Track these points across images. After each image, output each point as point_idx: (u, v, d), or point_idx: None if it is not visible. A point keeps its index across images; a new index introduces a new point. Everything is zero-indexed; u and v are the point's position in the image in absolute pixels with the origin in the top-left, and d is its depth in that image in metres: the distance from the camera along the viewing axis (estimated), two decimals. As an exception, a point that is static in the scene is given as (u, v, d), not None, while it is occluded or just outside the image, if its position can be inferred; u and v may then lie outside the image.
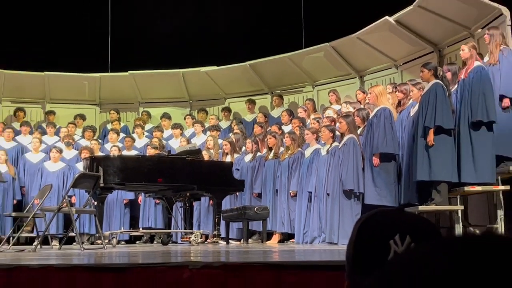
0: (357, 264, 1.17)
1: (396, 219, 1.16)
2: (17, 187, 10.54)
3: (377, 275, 0.47)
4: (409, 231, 1.10)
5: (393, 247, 1.09)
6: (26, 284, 3.44)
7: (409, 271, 0.44)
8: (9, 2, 11.82)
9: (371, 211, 1.28)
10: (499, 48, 7.08)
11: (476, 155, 6.58)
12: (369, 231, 1.16)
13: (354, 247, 1.18)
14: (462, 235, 0.49)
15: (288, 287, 3.18)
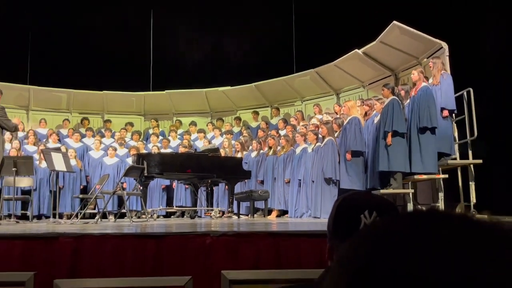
0: (336, 232, 1.22)
1: (366, 199, 1.22)
2: (83, 176, 10.58)
3: (350, 241, 0.47)
4: (375, 208, 1.15)
5: (363, 219, 1.14)
6: (90, 248, 3.44)
7: (374, 238, 0.44)
8: (76, 38, 11.81)
9: (345, 193, 1.32)
10: (440, 72, 7.09)
11: (423, 152, 6.59)
12: (345, 207, 1.21)
13: (333, 220, 1.23)
14: (413, 211, 0.48)
15: (284, 250, 3.19)
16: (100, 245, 3.41)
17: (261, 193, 8.83)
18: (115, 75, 12.25)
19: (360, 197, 1.26)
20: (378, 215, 1.14)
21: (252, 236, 3.23)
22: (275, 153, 9.50)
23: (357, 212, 1.15)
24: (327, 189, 7.93)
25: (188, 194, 10.19)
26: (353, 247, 0.44)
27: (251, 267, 2.93)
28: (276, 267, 2.94)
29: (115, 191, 8.07)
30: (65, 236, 3.45)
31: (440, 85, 6.97)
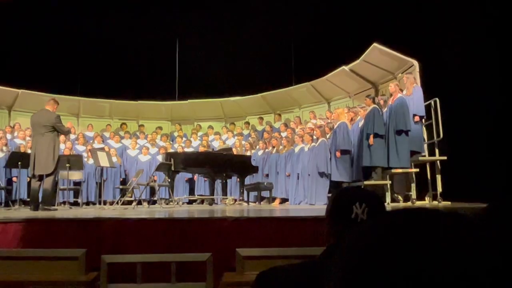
0: (332, 218, 1.25)
1: (357, 193, 1.26)
2: (122, 171, 10.61)
3: (355, 231, 0.45)
4: (365, 200, 1.19)
5: (354, 209, 1.17)
6: (130, 229, 3.47)
7: (376, 228, 0.43)
8: (116, 57, 11.86)
9: (341, 188, 1.37)
10: (412, 85, 7.07)
11: (399, 150, 6.56)
12: (340, 199, 1.25)
13: (331, 208, 1.26)
14: (408, 208, 0.46)
15: (286, 231, 3.21)
16: (137, 226, 3.44)
17: (267, 184, 8.83)
18: (148, 88, 12.29)
19: (352, 191, 1.29)
20: (366, 206, 1.18)
21: (261, 220, 3.25)
22: (277, 151, 9.49)
23: (350, 203, 1.19)
24: (320, 181, 7.93)
25: (207, 185, 10.18)
26: (356, 238, 0.44)
27: (260, 245, 2.95)
28: (280, 245, 2.96)
29: (148, 183, 8.12)
30: (110, 220, 3.49)
31: (412, 95, 6.96)
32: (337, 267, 0.43)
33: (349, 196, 1.23)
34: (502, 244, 0.40)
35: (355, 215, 1.18)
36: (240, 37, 11.86)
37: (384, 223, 0.44)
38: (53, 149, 6.38)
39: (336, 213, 1.24)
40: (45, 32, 10.79)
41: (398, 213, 0.45)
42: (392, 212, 0.46)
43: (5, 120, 11.31)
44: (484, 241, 0.40)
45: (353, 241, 0.44)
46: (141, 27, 11.74)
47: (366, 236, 0.43)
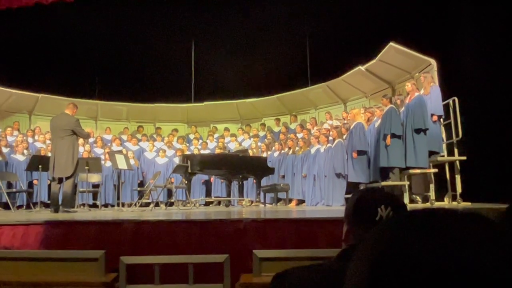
0: (354, 219, 1.23)
1: (383, 195, 1.22)
2: (139, 173, 10.69)
3: (373, 230, 0.46)
4: (390, 204, 1.17)
5: (379, 212, 1.16)
6: (148, 231, 3.51)
7: (394, 229, 0.43)
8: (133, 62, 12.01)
9: (363, 188, 1.35)
10: (430, 84, 6.98)
11: (417, 150, 6.48)
12: (364, 200, 1.22)
13: (353, 209, 1.24)
14: (426, 208, 0.46)
15: (303, 233, 3.20)
16: (155, 228, 3.47)
17: (283, 186, 8.81)
18: (164, 91, 12.39)
19: (378, 193, 1.25)
20: (392, 209, 1.16)
21: (278, 221, 3.24)
22: (294, 152, 9.46)
23: (375, 205, 1.17)
24: (337, 182, 7.89)
25: (223, 186, 10.19)
26: (375, 237, 0.44)
27: (277, 247, 2.95)
28: (297, 247, 2.95)
29: (166, 185, 8.18)
30: (128, 222, 3.52)
31: (430, 95, 6.87)
32: (355, 269, 0.44)
33: (374, 198, 1.21)
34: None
35: (379, 217, 1.16)
36: (255, 38, 11.88)
37: (402, 223, 0.44)
38: (73, 152, 6.48)
39: (359, 215, 1.21)
40: (63, 38, 11.00)
41: (416, 214, 0.45)
42: (410, 213, 0.46)
43: (26, 124, 11.54)
44: (504, 242, 0.40)
45: (371, 242, 0.44)
46: (157, 30, 11.86)
47: (383, 238, 0.44)
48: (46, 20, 9.99)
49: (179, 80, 12.68)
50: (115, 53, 11.89)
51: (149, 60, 12.14)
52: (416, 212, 0.46)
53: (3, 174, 8.65)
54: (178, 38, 12.16)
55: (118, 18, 11.13)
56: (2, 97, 11.04)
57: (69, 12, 9.80)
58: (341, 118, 9.60)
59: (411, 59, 8.29)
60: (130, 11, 11.06)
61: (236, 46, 12.09)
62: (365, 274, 0.42)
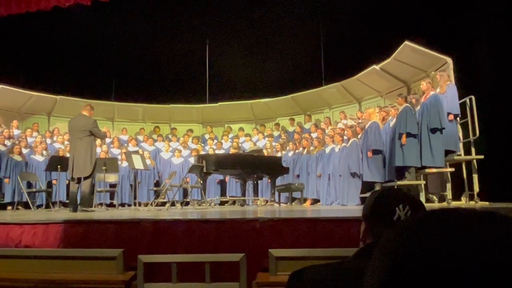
0: (372, 218, 1.22)
1: (401, 195, 1.21)
2: (155, 173, 10.75)
3: (391, 230, 0.45)
4: (408, 203, 1.16)
5: (397, 211, 1.15)
6: (165, 230, 3.53)
7: (413, 228, 0.43)
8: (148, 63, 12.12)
9: (382, 188, 1.33)
10: (446, 83, 6.89)
11: (433, 149, 6.41)
12: (383, 199, 1.22)
13: (371, 208, 1.24)
14: (444, 208, 0.45)
15: (319, 232, 3.19)
16: (172, 227, 3.49)
17: (298, 185, 8.78)
18: (179, 92, 12.48)
19: (396, 193, 1.24)
20: (410, 209, 1.15)
21: (293, 221, 3.24)
22: (308, 152, 9.44)
23: (394, 204, 1.16)
24: (352, 182, 7.84)
25: (238, 186, 10.20)
26: (395, 235, 0.44)
27: (293, 246, 2.95)
28: (313, 246, 2.94)
29: (181, 184, 8.23)
30: (145, 221, 3.56)
31: (446, 93, 6.78)
32: (375, 267, 0.44)
33: (392, 198, 1.19)
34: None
35: (397, 217, 1.16)
36: (269, 38, 11.88)
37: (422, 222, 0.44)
38: (91, 152, 6.57)
39: (377, 214, 1.20)
40: (80, 41, 11.15)
41: (436, 213, 0.45)
42: (429, 212, 0.46)
43: (44, 125, 11.74)
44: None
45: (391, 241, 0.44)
46: (172, 32, 11.94)
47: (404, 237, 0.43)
48: (63, 23, 10.15)
49: (194, 81, 12.77)
50: (131, 55, 12.02)
51: (164, 62, 12.23)
52: (436, 212, 0.46)
53: (24, 174, 8.81)
54: (192, 39, 12.23)
55: (133, 20, 11.24)
56: (22, 99, 11.26)
57: (86, 16, 9.93)
58: (356, 118, 9.53)
59: (427, 57, 8.20)
60: (144, 13, 11.17)
61: (250, 46, 12.11)
62: (385, 272, 0.42)
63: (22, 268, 3.00)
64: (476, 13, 7.25)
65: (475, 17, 7.28)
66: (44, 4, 7.60)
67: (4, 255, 3.07)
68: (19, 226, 3.63)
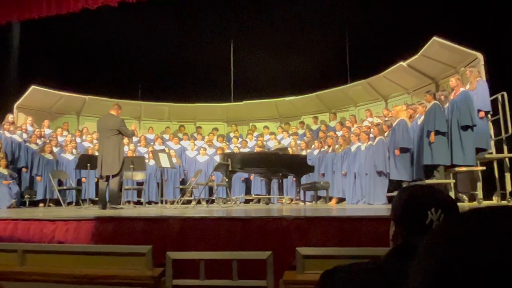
0: (402, 220, 1.17)
1: (433, 197, 1.14)
2: (181, 171, 10.88)
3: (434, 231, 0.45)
4: (441, 206, 1.10)
5: (430, 215, 1.10)
6: (193, 227, 3.57)
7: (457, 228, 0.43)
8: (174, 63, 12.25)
9: (412, 186, 1.27)
10: (476, 79, 6.72)
11: (464, 147, 6.26)
12: (414, 201, 1.14)
13: (401, 210, 1.18)
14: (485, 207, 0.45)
15: (345, 231, 3.16)
16: (200, 225, 3.53)
17: (323, 183, 8.71)
18: (204, 91, 12.57)
19: (428, 194, 1.16)
20: (443, 212, 1.10)
21: (320, 219, 3.22)
22: (333, 150, 9.36)
23: (425, 208, 1.10)
24: (378, 180, 7.73)
25: (263, 184, 10.22)
26: (439, 236, 0.44)
27: (320, 244, 2.93)
28: (340, 245, 2.92)
29: (207, 182, 8.30)
30: (173, 218, 3.61)
31: (476, 89, 6.61)
32: (420, 268, 0.43)
33: (424, 200, 1.13)
34: None
35: (429, 221, 1.11)
36: (293, 35, 11.83)
37: (466, 221, 0.44)
38: (119, 151, 6.71)
39: (408, 217, 1.15)
40: (108, 42, 11.38)
41: (479, 211, 0.45)
42: (473, 210, 0.45)
43: (74, 125, 12.05)
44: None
45: (435, 241, 0.44)
46: (197, 31, 12.06)
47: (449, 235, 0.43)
48: (91, 25, 10.38)
49: (218, 80, 12.84)
50: (157, 55, 12.20)
51: (189, 61, 12.34)
52: (481, 210, 0.45)
53: (55, 172, 9.07)
54: (217, 38, 12.30)
55: (158, 21, 11.39)
56: (53, 99, 11.59)
57: (113, 17, 10.13)
58: (382, 115, 9.39)
59: (456, 53, 8.00)
60: (170, 14, 11.29)
61: (275, 44, 12.09)
62: (433, 272, 0.41)
63: (55, 263, 3.10)
64: (507, 7, 7.03)
65: (506, 10, 7.06)
66: (73, 6, 7.79)
67: (38, 250, 3.17)
68: (52, 223, 3.74)
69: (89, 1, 7.71)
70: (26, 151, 9.43)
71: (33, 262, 3.11)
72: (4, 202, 8.27)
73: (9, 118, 9.82)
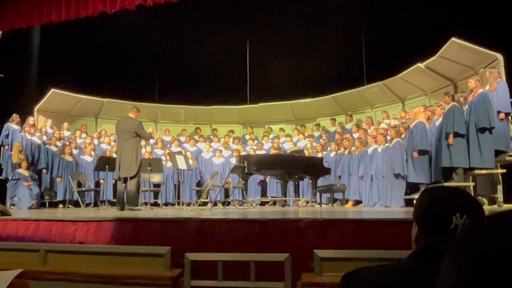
0: (426, 224, 1.15)
1: (458, 201, 1.12)
2: (197, 173, 10.94)
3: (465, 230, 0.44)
4: (467, 212, 1.08)
5: (454, 220, 1.08)
6: (210, 229, 3.59)
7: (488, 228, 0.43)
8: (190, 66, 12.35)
9: (435, 186, 1.24)
10: (496, 80, 6.62)
11: (482, 149, 6.16)
12: (438, 205, 1.13)
13: (425, 213, 1.15)
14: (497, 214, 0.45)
15: (363, 234, 3.15)
16: (217, 226, 3.55)
17: (339, 186, 8.68)
18: (220, 93, 12.63)
19: (453, 198, 1.13)
20: (468, 217, 1.08)
21: (338, 221, 3.22)
22: (350, 152, 9.30)
23: (450, 213, 1.08)
24: (396, 183, 7.66)
25: (279, 186, 10.19)
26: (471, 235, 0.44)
27: (338, 247, 2.92)
28: (358, 247, 2.91)
29: (223, 184, 8.33)
30: (191, 220, 3.64)
31: (496, 91, 6.51)
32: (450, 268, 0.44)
33: (449, 205, 1.11)
34: None
35: (454, 226, 1.08)
36: (309, 37, 11.81)
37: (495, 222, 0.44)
38: (136, 153, 6.79)
39: (432, 220, 1.13)
40: (125, 46, 11.56)
41: (504, 216, 0.45)
42: (497, 215, 0.46)
43: (92, 127, 12.24)
44: None
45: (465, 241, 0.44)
46: (212, 34, 12.13)
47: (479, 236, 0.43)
48: (109, 29, 10.53)
49: (234, 82, 12.89)
50: (173, 58, 12.33)
51: (205, 63, 12.43)
52: (503, 214, 0.45)
53: (74, 174, 9.22)
54: (233, 40, 12.36)
55: (175, 24, 11.51)
56: (72, 102, 11.80)
57: (130, 21, 10.27)
58: (399, 117, 9.30)
59: (475, 54, 7.89)
60: (186, 16, 11.38)
61: (290, 46, 12.10)
62: (464, 272, 0.42)
63: (76, 263, 3.16)
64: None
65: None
66: (92, 10, 7.92)
67: (60, 250, 3.24)
68: (73, 223, 3.81)
69: (107, 5, 7.81)
70: (46, 153, 9.61)
71: (54, 262, 3.18)
72: (25, 203, 8.44)
73: (29, 120, 10.02)
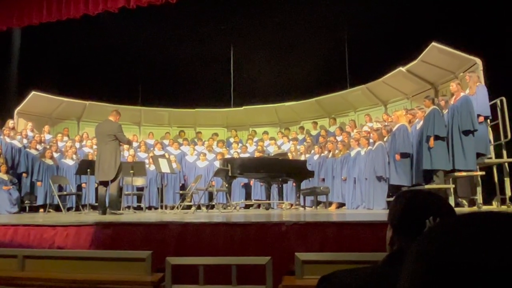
0: (399, 227, 1.16)
1: (432, 204, 1.13)
2: (181, 176, 10.87)
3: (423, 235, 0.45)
4: (439, 214, 1.09)
5: (428, 224, 1.09)
6: (192, 233, 3.57)
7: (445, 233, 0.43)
8: (173, 68, 12.30)
9: (410, 191, 1.24)
10: (476, 84, 6.74)
11: (466, 151, 6.26)
12: (412, 209, 1.14)
13: (399, 217, 1.17)
14: (473, 212, 0.45)
15: (345, 236, 3.17)
16: (199, 230, 3.53)
17: (323, 189, 8.71)
18: (204, 96, 12.61)
19: (426, 201, 1.15)
20: None
21: (319, 224, 3.23)
22: (333, 155, 9.37)
23: (423, 216, 1.09)
24: (378, 185, 7.74)
25: (263, 189, 10.16)
26: (429, 238, 0.44)
27: (319, 250, 2.94)
28: (339, 250, 2.93)
29: (207, 188, 8.29)
30: (173, 224, 3.61)
31: (476, 95, 6.63)
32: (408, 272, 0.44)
33: (422, 209, 1.12)
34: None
35: None
36: (293, 41, 11.87)
37: (453, 225, 0.45)
38: (115, 156, 6.72)
39: (406, 225, 1.14)
40: (108, 48, 11.44)
41: (466, 216, 0.45)
42: (460, 215, 0.46)
43: (74, 130, 12.07)
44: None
45: (423, 245, 0.44)
46: (196, 37, 12.11)
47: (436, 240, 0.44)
48: (92, 31, 10.43)
49: (218, 85, 12.88)
50: (157, 60, 12.26)
51: (189, 66, 12.39)
52: (468, 214, 0.45)
53: (55, 177, 9.08)
54: (217, 44, 12.35)
55: (158, 26, 11.44)
56: (53, 104, 11.62)
57: (113, 23, 10.18)
58: (382, 120, 9.40)
59: (455, 58, 8.04)
60: (170, 19, 11.33)
61: (274, 49, 12.14)
62: (420, 276, 0.42)
63: (55, 269, 3.10)
64: (505, 12, 7.07)
65: (504, 16, 7.10)
66: (74, 12, 7.83)
67: (38, 255, 3.18)
68: (52, 228, 3.75)
69: (90, 7, 7.74)
70: (26, 156, 9.44)
71: (33, 267, 3.12)
72: (5, 208, 8.27)
73: (9, 123, 9.84)
